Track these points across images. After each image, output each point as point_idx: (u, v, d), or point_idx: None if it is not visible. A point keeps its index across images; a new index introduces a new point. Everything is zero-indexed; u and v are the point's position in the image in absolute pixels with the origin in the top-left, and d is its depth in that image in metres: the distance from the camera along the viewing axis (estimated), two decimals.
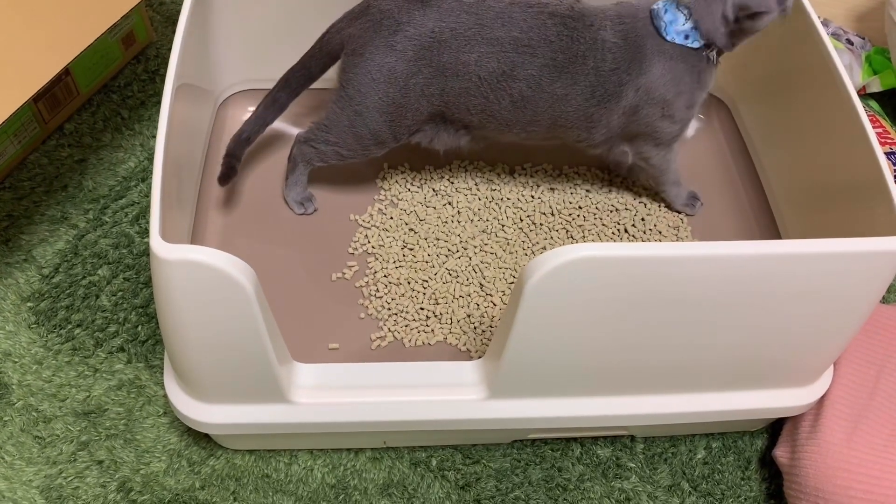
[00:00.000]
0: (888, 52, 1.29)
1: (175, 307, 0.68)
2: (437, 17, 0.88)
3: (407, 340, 0.95)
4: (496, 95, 0.90)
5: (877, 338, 0.93)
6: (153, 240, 0.64)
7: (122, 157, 1.14)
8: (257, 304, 0.68)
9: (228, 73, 1.09)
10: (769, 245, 0.69)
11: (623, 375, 0.81)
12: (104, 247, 1.05)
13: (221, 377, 0.76)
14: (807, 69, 0.96)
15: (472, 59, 0.88)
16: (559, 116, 0.91)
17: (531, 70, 0.88)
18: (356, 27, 0.91)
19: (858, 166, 0.83)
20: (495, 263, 1.00)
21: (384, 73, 0.89)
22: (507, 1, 0.90)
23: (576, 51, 0.88)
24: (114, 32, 1.17)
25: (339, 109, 0.93)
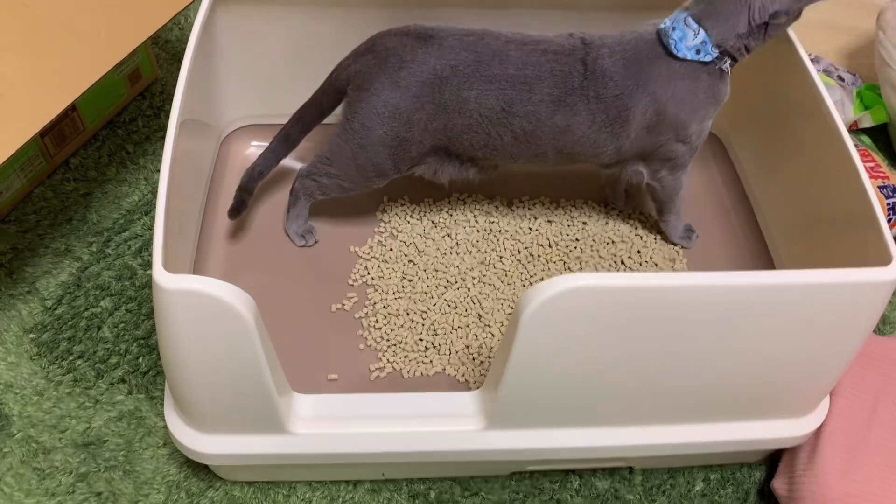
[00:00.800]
0: (878, 88, 1.31)
1: (176, 336, 0.69)
2: (438, 55, 0.90)
3: (406, 371, 0.95)
4: (497, 131, 0.92)
5: (872, 369, 0.93)
6: (156, 270, 0.66)
7: (126, 190, 1.16)
8: (257, 334, 0.69)
9: (232, 108, 1.12)
10: (762, 276, 0.71)
11: (621, 406, 0.81)
12: (107, 279, 1.06)
13: (221, 407, 0.77)
14: (797, 104, 0.98)
15: (471, 96, 0.91)
16: (564, 146, 0.93)
17: (529, 106, 0.90)
18: (362, 64, 0.93)
19: (849, 199, 0.85)
20: (493, 294, 1.01)
21: (389, 108, 0.91)
22: (504, 39, 0.92)
23: (571, 84, 0.90)
24: (120, 69, 1.20)
25: (342, 142, 0.95)
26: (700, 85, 0.91)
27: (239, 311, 0.66)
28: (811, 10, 0.92)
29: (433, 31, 0.92)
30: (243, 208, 1.02)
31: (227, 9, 0.98)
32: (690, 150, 0.96)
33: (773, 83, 1.04)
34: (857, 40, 1.53)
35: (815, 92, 0.91)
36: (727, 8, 0.88)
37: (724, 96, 0.94)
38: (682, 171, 1.00)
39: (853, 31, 1.54)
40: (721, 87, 0.93)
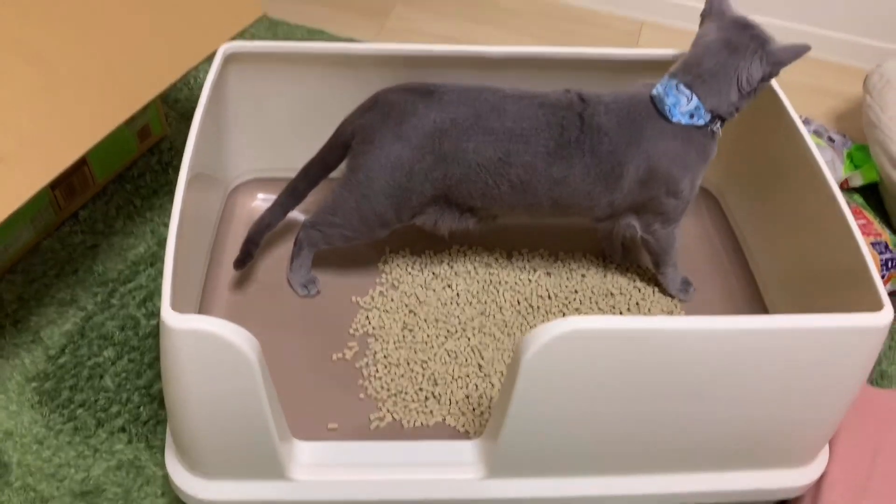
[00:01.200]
0: (867, 148, 1.35)
1: (181, 376, 0.70)
2: (438, 109, 0.94)
3: (406, 421, 0.96)
4: (495, 181, 0.95)
5: (871, 420, 0.94)
6: (164, 310, 0.67)
7: (132, 242, 1.18)
8: (260, 375, 0.70)
9: (239, 162, 1.15)
10: (758, 320, 0.72)
11: (621, 454, 0.82)
12: (111, 329, 1.07)
13: (222, 450, 0.77)
14: (789, 163, 1.01)
15: (470, 147, 0.94)
16: (559, 198, 0.96)
17: (525, 157, 0.94)
18: (366, 118, 0.97)
19: (841, 250, 0.86)
20: (494, 345, 1.02)
21: (391, 160, 0.95)
22: (501, 94, 0.96)
23: (567, 137, 0.93)
24: (131, 126, 1.23)
25: (346, 193, 0.98)
26: (692, 145, 0.95)
27: (243, 350, 0.68)
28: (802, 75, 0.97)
29: (434, 86, 0.96)
30: (249, 259, 1.04)
31: (237, 67, 1.03)
32: (681, 204, 0.99)
33: (766, 143, 1.07)
34: (845, 104, 1.58)
35: (807, 151, 0.94)
36: (718, 81, 0.93)
37: (712, 154, 0.98)
38: (675, 224, 1.02)
39: (841, 95, 1.59)
40: (711, 146, 0.97)
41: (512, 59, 1.04)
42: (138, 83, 0.95)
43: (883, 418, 0.94)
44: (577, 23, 1.71)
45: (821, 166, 0.92)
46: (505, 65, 1.04)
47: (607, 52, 1.06)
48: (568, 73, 1.05)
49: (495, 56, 1.03)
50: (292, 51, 1.02)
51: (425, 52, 1.02)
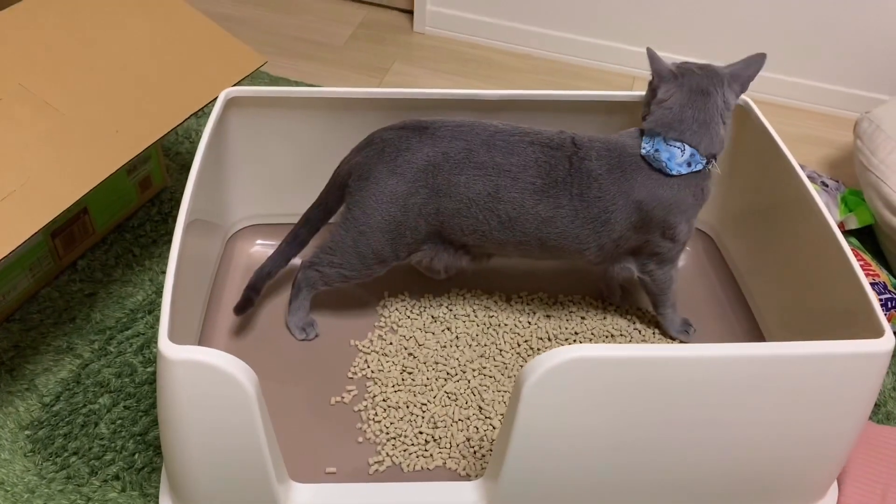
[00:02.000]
0: (860, 193, 1.36)
1: (178, 408, 0.69)
2: (431, 143, 0.96)
3: (405, 465, 0.94)
4: (485, 216, 0.96)
5: (881, 458, 0.92)
6: (161, 340, 0.66)
7: (130, 290, 1.18)
8: (257, 406, 0.69)
9: (238, 208, 1.16)
10: (761, 347, 0.72)
11: (624, 490, 0.80)
12: (107, 376, 1.06)
13: (219, 489, 0.75)
14: (786, 205, 1.02)
15: (461, 181, 0.95)
16: (547, 238, 0.97)
17: (514, 193, 0.95)
18: (362, 156, 0.98)
19: (842, 286, 0.86)
20: (494, 387, 1.01)
21: (386, 194, 0.96)
22: (493, 129, 0.97)
23: (555, 176, 0.95)
24: (132, 176, 1.25)
25: (344, 231, 0.99)
26: (689, 190, 0.96)
27: (241, 382, 0.67)
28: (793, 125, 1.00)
29: (427, 122, 0.98)
30: (250, 306, 1.04)
31: (238, 112, 1.04)
32: (678, 246, 1.00)
33: (761, 184, 1.08)
34: (836, 151, 1.60)
35: (802, 187, 0.95)
36: (708, 125, 0.95)
37: (709, 192, 0.99)
38: (671, 265, 1.03)
39: (832, 143, 1.62)
40: (707, 186, 0.99)
41: (508, 101, 1.06)
42: (141, 128, 0.96)
43: (891, 455, 0.92)
44: (573, 78, 1.75)
45: (820, 206, 0.92)
46: (501, 107, 1.06)
47: (599, 95, 1.08)
48: (562, 115, 1.07)
49: (491, 98, 1.05)
50: (293, 95, 1.04)
51: (424, 95, 1.05)
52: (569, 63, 1.78)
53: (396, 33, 1.85)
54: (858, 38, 1.61)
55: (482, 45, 1.81)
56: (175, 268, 0.74)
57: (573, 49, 1.78)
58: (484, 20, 1.79)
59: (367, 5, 1.92)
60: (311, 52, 1.76)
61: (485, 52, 1.80)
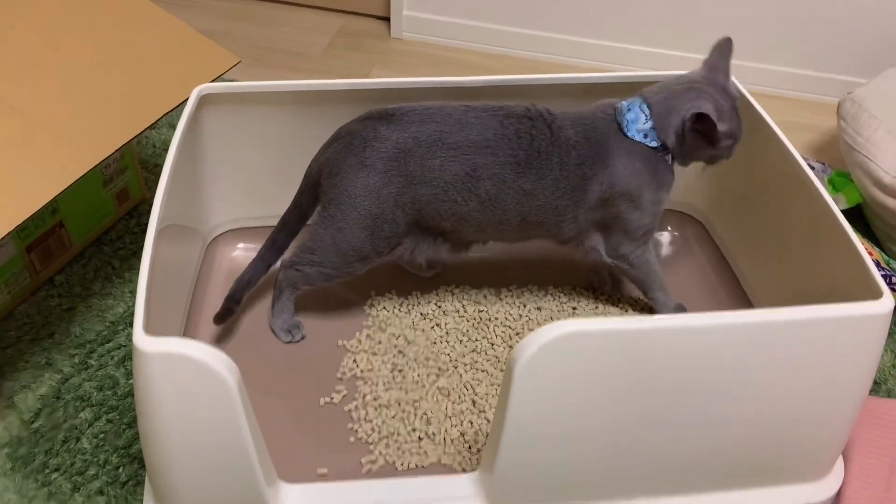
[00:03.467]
0: (847, 174, 1.36)
1: (156, 406, 0.66)
2: (400, 129, 0.93)
3: (399, 464, 0.91)
4: (463, 197, 0.94)
5: (885, 432, 0.90)
6: (136, 333, 0.64)
7: (111, 303, 1.15)
8: (240, 401, 0.66)
9: (217, 212, 1.13)
10: (757, 313, 0.70)
11: (623, 473, 0.77)
12: (88, 389, 1.03)
13: (203, 492, 0.72)
14: (776, 180, 1.00)
15: (436, 164, 0.93)
16: (528, 212, 0.94)
17: (493, 169, 0.92)
18: (330, 152, 0.96)
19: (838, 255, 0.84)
20: (487, 380, 0.99)
21: (359, 188, 0.93)
22: (462, 108, 0.95)
23: (537, 147, 0.93)
24: (108, 188, 1.22)
25: (321, 230, 0.96)
26: (648, 165, 0.94)
27: (221, 374, 0.64)
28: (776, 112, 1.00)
29: (392, 109, 0.96)
30: (230, 315, 1.02)
31: (212, 110, 1.02)
32: (645, 218, 0.97)
33: (750, 163, 1.07)
34: (820, 136, 1.60)
35: (794, 162, 0.93)
36: (670, 115, 0.93)
37: (667, 183, 0.97)
38: (642, 245, 1.00)
39: (816, 129, 1.61)
40: (665, 173, 0.96)
41: (487, 87, 1.04)
42: (113, 128, 0.94)
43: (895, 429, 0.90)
44: None
45: (807, 172, 0.91)
46: (478, 94, 1.04)
47: (577, 77, 1.07)
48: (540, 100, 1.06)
49: (468, 85, 1.04)
50: (269, 90, 1.02)
51: (400, 84, 1.03)
52: (546, 62, 1.77)
53: (374, 40, 1.84)
54: (834, 23, 1.62)
55: (459, 47, 1.81)
56: (150, 260, 0.72)
57: (550, 47, 1.77)
58: (460, 22, 1.79)
59: (343, 14, 1.91)
60: (290, 62, 1.74)
61: (462, 55, 1.79)
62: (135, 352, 0.64)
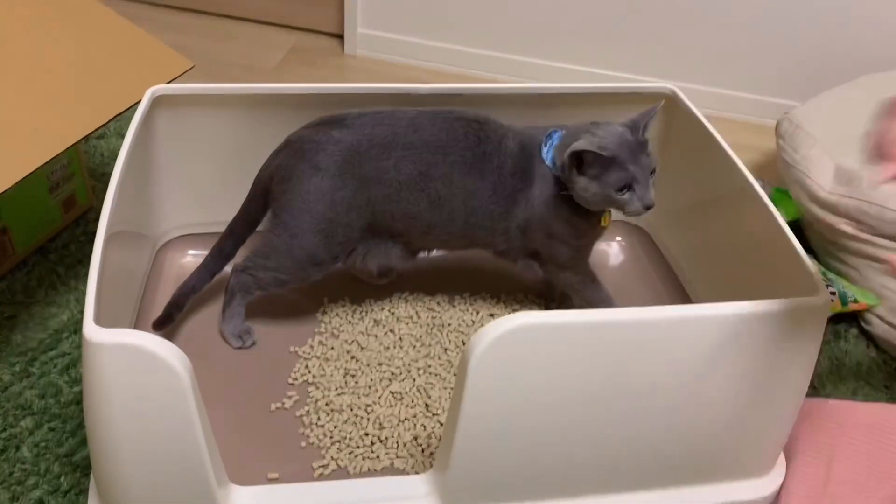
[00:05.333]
0: (785, 191, 1.41)
1: (104, 398, 0.64)
2: (352, 133, 0.94)
3: (352, 468, 0.90)
4: (415, 197, 0.95)
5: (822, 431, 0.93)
6: (87, 324, 0.63)
7: (54, 311, 1.12)
8: (192, 394, 0.65)
9: (167, 217, 1.12)
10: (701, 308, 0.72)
11: (575, 470, 0.78)
12: (29, 397, 1.00)
13: (153, 490, 0.70)
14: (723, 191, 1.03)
15: (390, 164, 0.94)
16: (470, 214, 0.96)
17: (443, 168, 0.94)
18: (281, 158, 0.96)
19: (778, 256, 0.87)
20: (440, 384, 0.99)
21: (312, 193, 0.93)
22: (414, 112, 0.97)
23: (483, 149, 0.95)
24: (55, 195, 1.20)
25: (274, 237, 0.96)
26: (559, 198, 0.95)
27: (174, 367, 0.63)
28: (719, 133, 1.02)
29: (343, 115, 0.96)
30: (170, 322, 1.00)
31: (166, 113, 1.01)
32: (564, 249, 0.98)
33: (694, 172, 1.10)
34: (759, 156, 1.66)
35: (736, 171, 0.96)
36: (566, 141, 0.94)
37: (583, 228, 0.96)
38: (573, 273, 1.01)
39: (754, 148, 1.68)
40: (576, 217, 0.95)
41: (443, 95, 1.06)
42: (62, 128, 0.92)
43: (833, 427, 0.93)
44: None
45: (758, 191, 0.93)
46: (434, 101, 1.06)
47: (535, 88, 1.09)
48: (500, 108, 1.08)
49: (427, 92, 1.05)
50: (222, 92, 1.02)
51: (357, 90, 1.04)
52: (500, 82, 1.81)
53: (327, 57, 1.85)
54: (771, 50, 1.69)
55: (413, 66, 1.83)
56: (101, 252, 0.71)
57: (504, 67, 1.81)
58: (414, 41, 1.81)
59: (297, 31, 1.92)
60: (243, 76, 1.74)
61: (416, 73, 1.82)
62: (85, 343, 0.63)
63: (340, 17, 1.84)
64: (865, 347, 1.22)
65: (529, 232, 0.97)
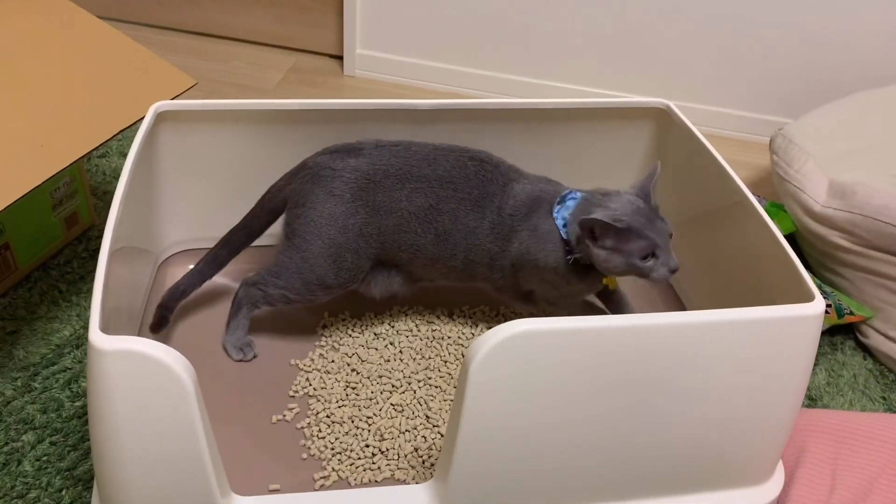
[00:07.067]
0: (779, 205, 1.43)
1: (110, 406, 0.65)
2: (368, 162, 0.96)
3: (353, 479, 0.90)
4: (423, 229, 0.97)
5: (827, 440, 0.94)
6: (92, 332, 0.63)
7: (57, 326, 1.13)
8: (196, 402, 0.66)
9: (170, 233, 1.13)
10: (699, 314, 0.73)
11: (576, 477, 0.79)
12: (31, 412, 1.00)
13: (155, 500, 0.71)
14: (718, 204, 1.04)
15: (402, 195, 0.96)
16: (470, 250, 0.98)
17: (452, 203, 0.96)
18: (297, 182, 0.98)
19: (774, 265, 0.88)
20: (440, 396, 1.00)
21: (325, 218, 0.95)
22: (430, 147, 0.99)
23: (487, 189, 0.97)
24: (57, 212, 1.21)
25: (286, 259, 0.98)
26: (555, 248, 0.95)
27: (178, 374, 0.64)
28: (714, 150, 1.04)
29: (360, 144, 0.99)
30: (165, 324, 1.02)
31: (169, 129, 1.03)
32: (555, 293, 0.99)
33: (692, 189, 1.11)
34: (753, 172, 1.68)
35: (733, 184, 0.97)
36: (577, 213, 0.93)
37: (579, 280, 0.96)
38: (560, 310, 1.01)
39: (748, 165, 1.70)
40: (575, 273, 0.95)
41: (444, 110, 1.07)
42: (66, 143, 0.94)
43: (837, 436, 0.94)
44: None
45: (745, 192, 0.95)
46: (437, 117, 1.08)
47: (534, 103, 1.11)
48: (497, 124, 1.10)
49: (427, 108, 1.07)
50: (228, 108, 1.03)
51: (359, 105, 1.05)
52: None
53: (327, 77, 1.88)
54: (764, 66, 1.72)
55: (411, 85, 1.86)
56: (106, 260, 0.72)
57: (502, 88, 1.83)
58: (412, 62, 1.84)
59: (296, 52, 1.94)
60: (242, 95, 1.76)
61: (414, 93, 1.84)
62: (90, 350, 0.64)
63: (339, 39, 1.87)
64: (862, 359, 1.23)
65: (523, 271, 0.98)
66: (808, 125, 1.43)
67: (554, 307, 1.03)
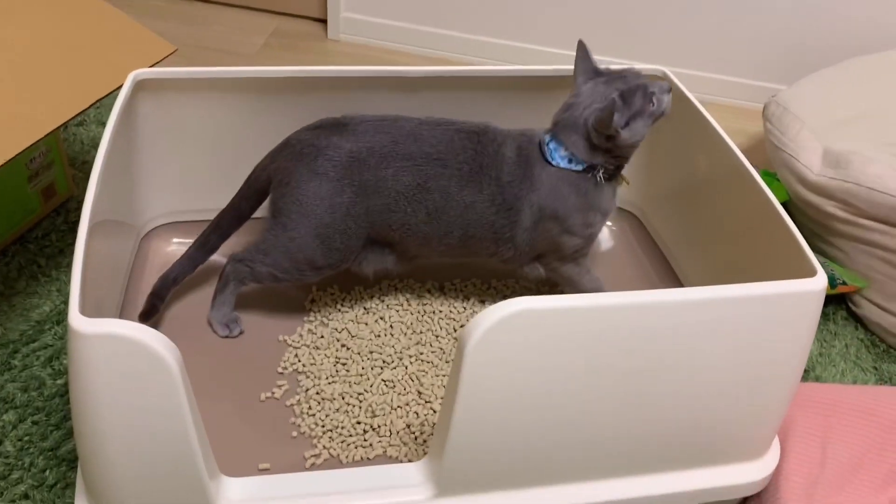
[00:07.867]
0: (772, 174, 1.41)
1: (92, 390, 0.63)
2: (353, 139, 0.93)
3: (344, 457, 0.89)
4: (413, 208, 0.94)
5: (818, 414, 0.94)
6: (72, 314, 0.61)
7: (36, 302, 1.10)
8: (182, 385, 0.63)
9: (152, 204, 1.10)
10: (697, 291, 0.71)
11: (573, 456, 0.78)
12: (11, 391, 0.98)
13: (141, 485, 0.69)
14: (714, 173, 1.03)
15: (389, 174, 0.92)
16: (469, 226, 0.95)
17: (442, 181, 0.93)
18: (280, 160, 0.95)
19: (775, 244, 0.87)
20: (432, 371, 0.98)
21: (310, 197, 0.92)
22: (416, 121, 0.96)
23: (480, 161, 0.94)
24: (33, 183, 1.17)
25: (273, 238, 0.95)
26: (573, 188, 0.94)
27: (163, 357, 0.62)
28: None
29: (345, 119, 0.95)
30: (154, 312, 0.99)
31: (148, 98, 0.99)
32: (577, 242, 0.98)
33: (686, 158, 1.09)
34: (747, 140, 1.66)
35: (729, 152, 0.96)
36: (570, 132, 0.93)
37: (601, 202, 0.96)
38: (574, 263, 1.01)
39: (741, 132, 1.67)
40: (595, 193, 0.95)
41: (432, 77, 1.04)
42: (41, 113, 0.90)
43: (827, 410, 0.94)
44: None
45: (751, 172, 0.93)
46: (425, 84, 1.04)
47: (523, 70, 1.08)
48: (490, 91, 1.07)
49: (415, 75, 1.03)
50: (207, 76, 1.00)
51: (346, 73, 1.02)
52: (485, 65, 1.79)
53: (310, 41, 1.82)
54: (756, 32, 1.69)
55: (397, 50, 1.81)
56: (85, 239, 0.69)
57: (490, 51, 1.79)
58: (398, 25, 1.79)
59: (278, 15, 1.89)
60: (224, 61, 1.71)
61: (400, 58, 1.80)
62: (70, 334, 0.61)
63: (323, 1, 1.82)
64: (854, 329, 1.22)
65: (540, 231, 0.96)
66: (802, 92, 1.41)
67: (569, 265, 1.00)
